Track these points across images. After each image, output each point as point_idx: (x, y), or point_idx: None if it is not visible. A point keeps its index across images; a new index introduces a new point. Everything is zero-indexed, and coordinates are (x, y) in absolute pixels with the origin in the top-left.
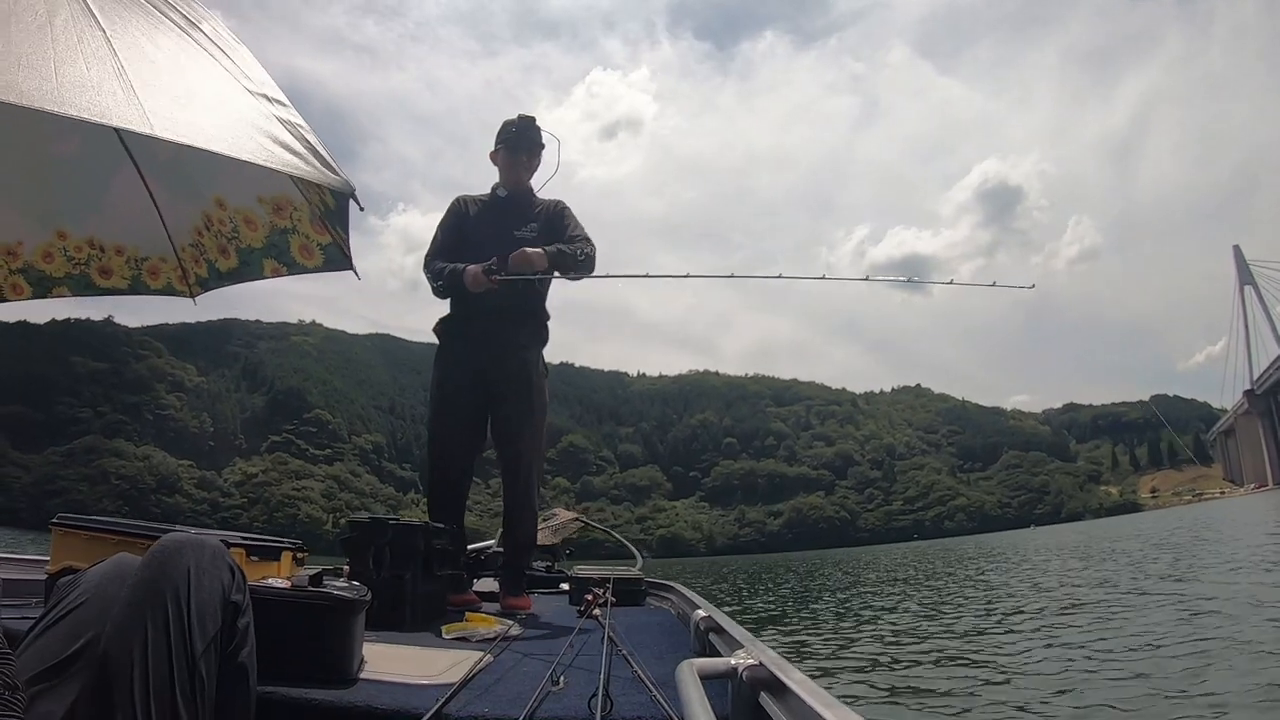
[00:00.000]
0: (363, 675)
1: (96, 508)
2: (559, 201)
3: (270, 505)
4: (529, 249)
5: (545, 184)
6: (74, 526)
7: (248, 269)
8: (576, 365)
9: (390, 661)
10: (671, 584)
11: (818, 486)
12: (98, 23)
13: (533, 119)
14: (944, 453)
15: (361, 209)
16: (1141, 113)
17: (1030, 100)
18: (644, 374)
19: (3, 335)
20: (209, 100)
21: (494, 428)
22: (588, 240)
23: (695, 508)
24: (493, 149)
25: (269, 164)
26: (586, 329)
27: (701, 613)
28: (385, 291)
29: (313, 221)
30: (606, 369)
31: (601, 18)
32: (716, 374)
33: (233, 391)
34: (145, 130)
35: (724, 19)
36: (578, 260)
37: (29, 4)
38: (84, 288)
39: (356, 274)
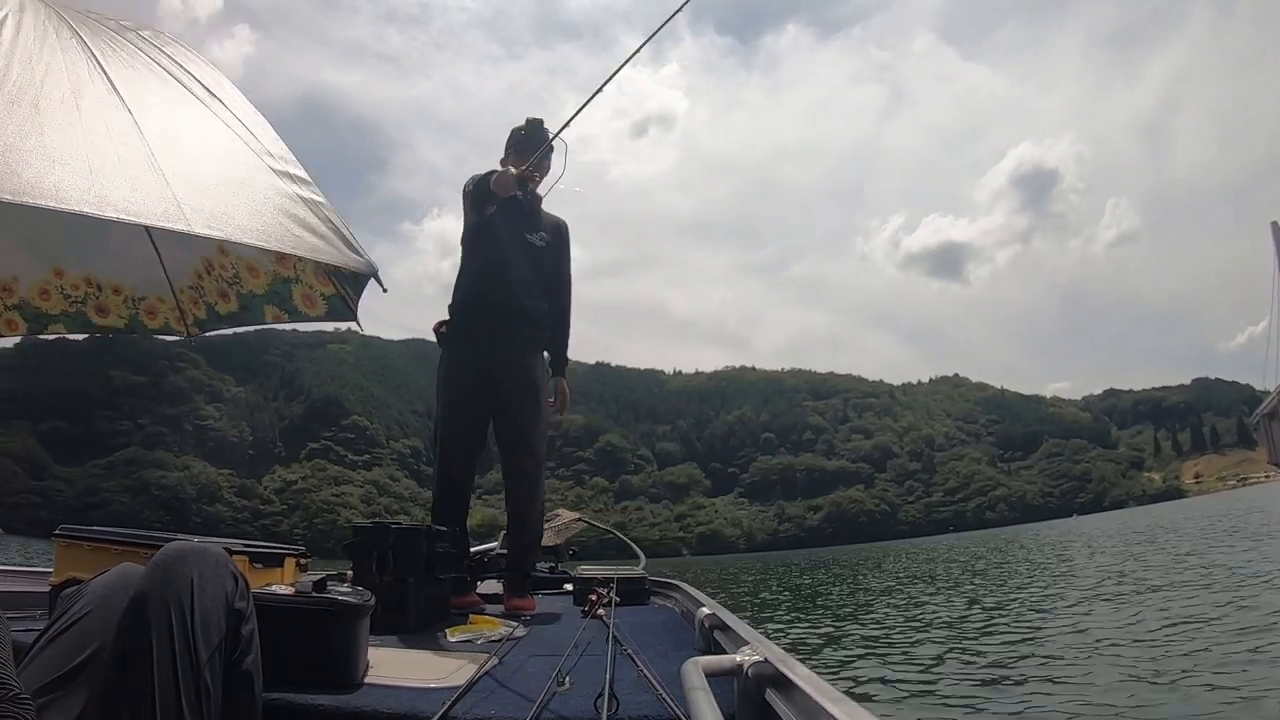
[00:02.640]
0: (368, 680)
1: (138, 519)
2: (563, 222)
3: (310, 512)
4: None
5: (552, 188)
6: (76, 538)
7: (248, 314)
8: (613, 365)
9: (395, 665)
10: (675, 582)
11: (857, 480)
12: (121, 100)
13: (540, 121)
14: (984, 442)
15: (385, 290)
16: (1170, 92)
17: (1057, 82)
18: (679, 371)
19: (42, 352)
20: (237, 186)
21: (498, 430)
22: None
23: (734, 504)
24: (503, 156)
25: (297, 251)
26: (620, 329)
27: (706, 610)
28: (421, 297)
29: (317, 273)
30: (642, 368)
31: (621, 17)
32: (752, 369)
33: (271, 400)
34: (183, 228)
35: (744, 14)
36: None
37: (55, 82)
38: (80, 325)
39: (359, 325)
